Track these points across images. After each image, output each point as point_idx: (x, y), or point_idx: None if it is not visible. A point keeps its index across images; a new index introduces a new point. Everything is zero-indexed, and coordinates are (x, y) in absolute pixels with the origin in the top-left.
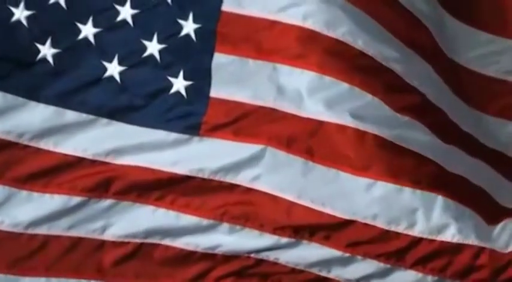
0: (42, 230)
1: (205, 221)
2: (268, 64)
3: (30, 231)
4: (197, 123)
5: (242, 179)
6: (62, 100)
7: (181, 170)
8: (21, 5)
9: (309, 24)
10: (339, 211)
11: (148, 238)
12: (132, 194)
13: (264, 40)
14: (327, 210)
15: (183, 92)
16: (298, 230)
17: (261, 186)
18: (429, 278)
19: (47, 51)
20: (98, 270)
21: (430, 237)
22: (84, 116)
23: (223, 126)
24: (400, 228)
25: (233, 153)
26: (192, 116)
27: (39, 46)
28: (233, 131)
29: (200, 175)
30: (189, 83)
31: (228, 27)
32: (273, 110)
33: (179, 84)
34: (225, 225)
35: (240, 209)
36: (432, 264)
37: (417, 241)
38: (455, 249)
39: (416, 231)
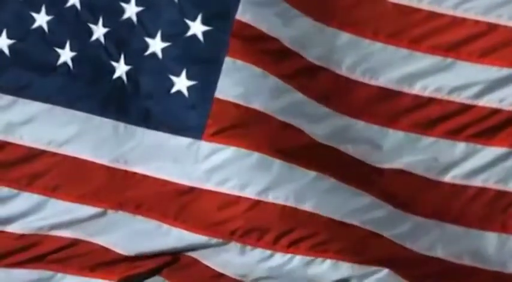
0: (66, 234)
1: (214, 240)
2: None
3: (53, 233)
4: (200, 126)
5: (250, 191)
6: (82, 104)
7: (187, 180)
8: (43, 10)
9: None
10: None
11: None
12: (143, 207)
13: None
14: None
15: (185, 92)
16: (314, 244)
17: (268, 198)
18: None
19: (66, 55)
20: (111, 272)
21: None
22: (98, 119)
23: (227, 130)
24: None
25: (238, 161)
26: (195, 118)
27: (59, 50)
28: (238, 136)
29: (207, 187)
30: (192, 83)
31: (240, 35)
32: (270, 118)
33: (181, 83)
34: (236, 245)
35: (248, 224)
36: None
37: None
38: None
39: None
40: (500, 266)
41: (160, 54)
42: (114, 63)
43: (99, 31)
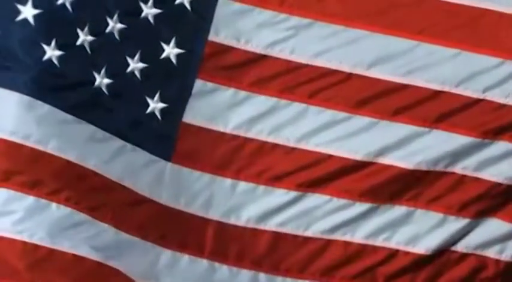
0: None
1: (185, 256)
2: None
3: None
4: (169, 148)
5: (214, 213)
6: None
7: (160, 199)
8: (29, 3)
9: (295, 57)
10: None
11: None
12: (125, 223)
13: (248, 73)
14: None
15: (158, 114)
16: (274, 265)
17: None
18: None
19: (51, 52)
20: None
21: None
22: (70, 118)
23: (195, 154)
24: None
25: (207, 185)
26: (165, 140)
27: (45, 46)
28: (206, 161)
29: (176, 207)
30: (164, 105)
31: (213, 57)
32: (246, 140)
33: (154, 105)
34: (205, 262)
35: (217, 244)
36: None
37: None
38: None
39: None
40: None
41: (138, 75)
42: (95, 73)
43: (84, 37)
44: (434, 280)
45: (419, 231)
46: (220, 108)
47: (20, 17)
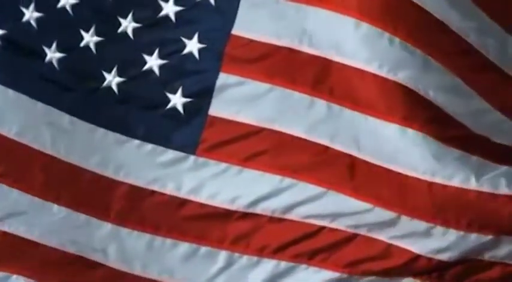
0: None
1: (202, 249)
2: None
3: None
4: (194, 142)
5: (239, 205)
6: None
7: (179, 193)
8: (32, 6)
9: (312, 50)
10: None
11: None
12: (131, 219)
13: (273, 65)
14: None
15: (180, 109)
16: (297, 254)
17: (260, 210)
18: None
19: (52, 54)
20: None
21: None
22: (80, 123)
23: (222, 146)
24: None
25: (232, 177)
26: (189, 134)
27: (46, 49)
28: (233, 153)
29: (197, 199)
30: (187, 100)
31: (236, 50)
32: (271, 132)
33: (177, 100)
34: (223, 253)
35: (239, 235)
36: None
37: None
38: None
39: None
40: None
41: (157, 71)
42: (105, 73)
43: (89, 38)
44: (462, 280)
45: (440, 244)
46: (245, 101)
47: (24, 19)
